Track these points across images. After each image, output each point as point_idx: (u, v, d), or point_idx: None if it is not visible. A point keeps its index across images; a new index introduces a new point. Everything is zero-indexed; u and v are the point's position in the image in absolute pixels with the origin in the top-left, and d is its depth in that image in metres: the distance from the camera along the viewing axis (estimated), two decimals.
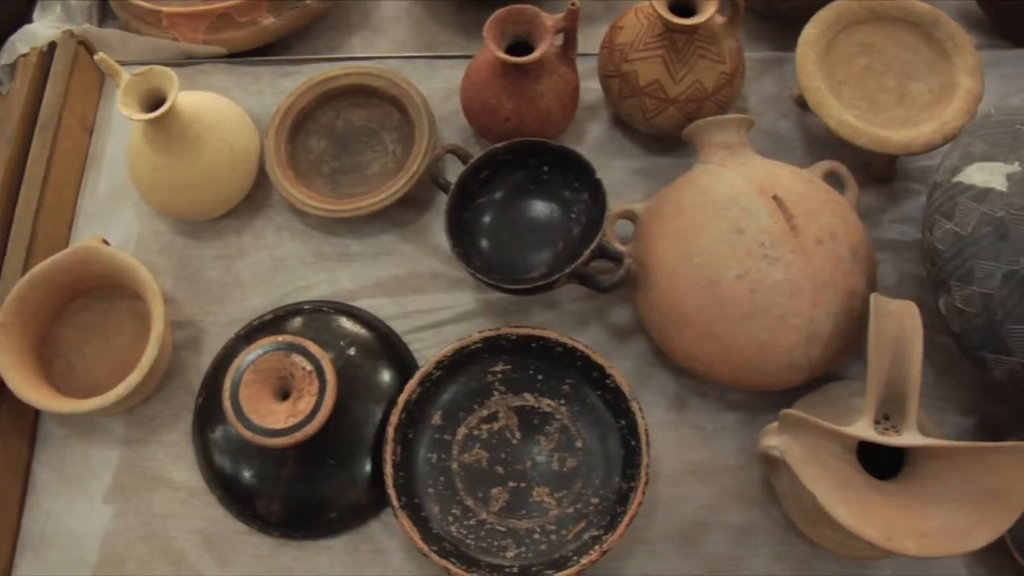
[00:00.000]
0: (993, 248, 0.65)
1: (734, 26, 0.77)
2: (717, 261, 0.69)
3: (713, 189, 0.71)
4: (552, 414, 0.73)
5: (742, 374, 0.70)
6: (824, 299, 0.69)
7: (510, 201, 0.76)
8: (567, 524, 0.70)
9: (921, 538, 0.64)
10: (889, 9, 0.80)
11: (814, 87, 0.77)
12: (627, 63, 0.76)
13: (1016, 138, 0.67)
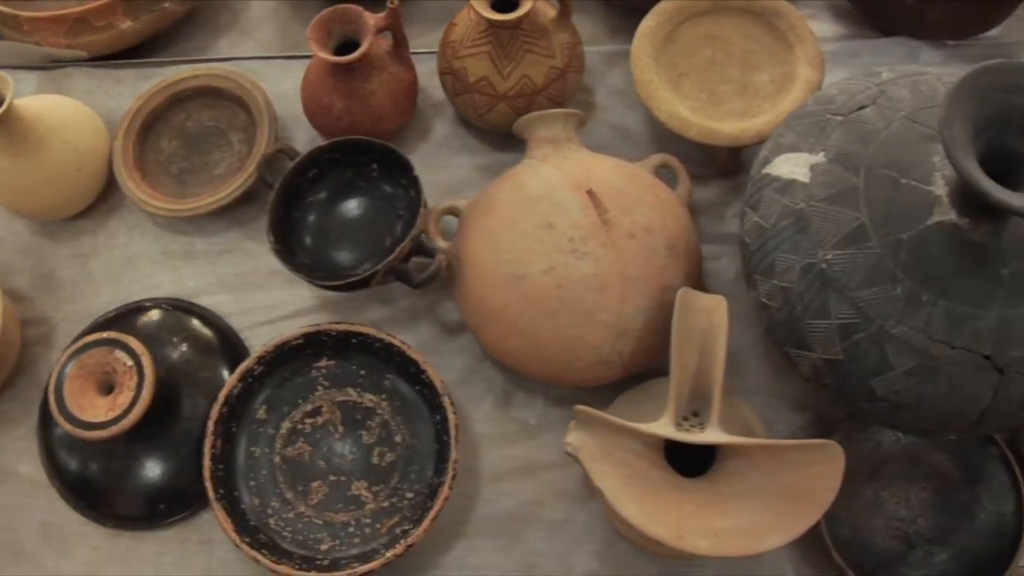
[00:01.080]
0: (792, 241, 0.63)
1: (564, 21, 0.76)
2: (525, 256, 0.68)
3: (528, 184, 0.71)
4: (374, 409, 0.73)
5: (552, 370, 0.69)
6: (634, 294, 0.68)
7: (339, 199, 0.76)
8: (381, 518, 0.70)
9: (714, 537, 0.62)
10: (730, 1, 0.79)
11: (646, 80, 0.75)
12: (457, 60, 0.76)
13: (824, 129, 0.65)
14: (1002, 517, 0.70)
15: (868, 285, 0.60)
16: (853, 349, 0.61)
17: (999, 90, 0.56)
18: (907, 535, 0.71)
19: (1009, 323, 0.59)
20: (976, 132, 0.56)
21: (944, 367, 0.60)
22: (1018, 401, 0.61)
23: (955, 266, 0.59)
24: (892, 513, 0.71)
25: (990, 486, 0.71)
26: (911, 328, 0.59)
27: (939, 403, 0.61)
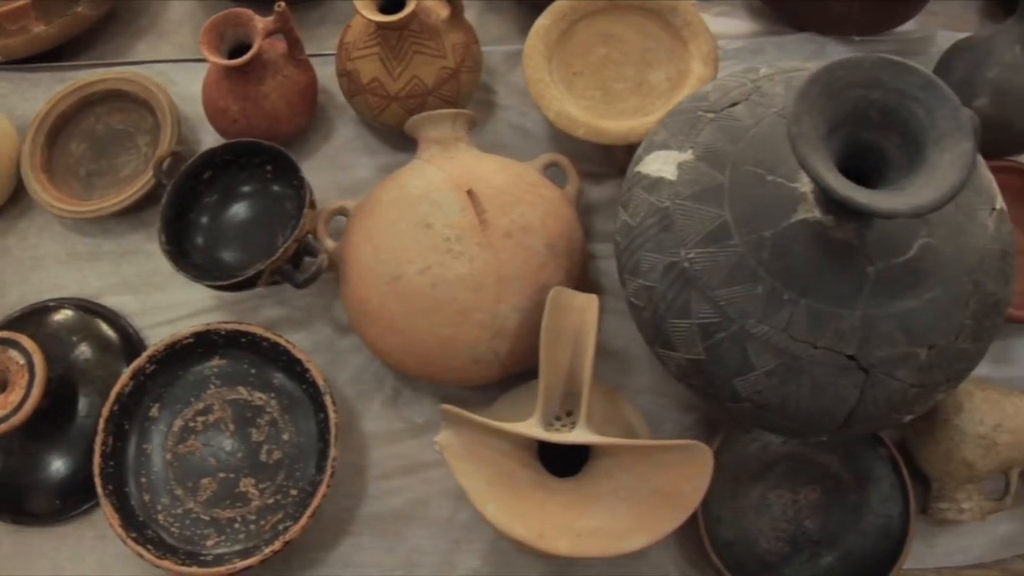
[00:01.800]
0: (657, 239, 0.62)
1: (456, 21, 0.75)
2: (401, 256, 0.68)
3: (410, 184, 0.71)
4: (263, 407, 0.73)
5: (430, 369, 0.69)
6: (509, 293, 0.67)
7: (233, 201, 0.77)
8: (266, 515, 0.70)
9: (576, 537, 0.62)
10: None
11: (537, 79, 0.75)
12: (351, 62, 0.76)
13: (695, 126, 0.64)
14: (889, 519, 0.69)
15: (729, 284, 0.59)
16: (715, 349, 0.60)
17: (855, 85, 0.55)
18: (794, 537, 0.70)
19: (873, 322, 0.58)
20: (833, 128, 0.55)
21: (807, 367, 0.59)
22: (885, 402, 0.60)
23: (818, 264, 0.58)
24: (779, 515, 0.70)
25: (879, 488, 0.70)
26: (772, 327, 0.58)
27: (804, 404, 0.60)
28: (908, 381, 0.59)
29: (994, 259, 0.61)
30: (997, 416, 0.67)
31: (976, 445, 0.67)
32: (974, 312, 0.60)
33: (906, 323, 0.58)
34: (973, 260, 0.60)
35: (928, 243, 0.59)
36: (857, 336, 0.58)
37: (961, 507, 0.68)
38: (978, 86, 0.75)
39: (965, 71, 0.76)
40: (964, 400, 0.67)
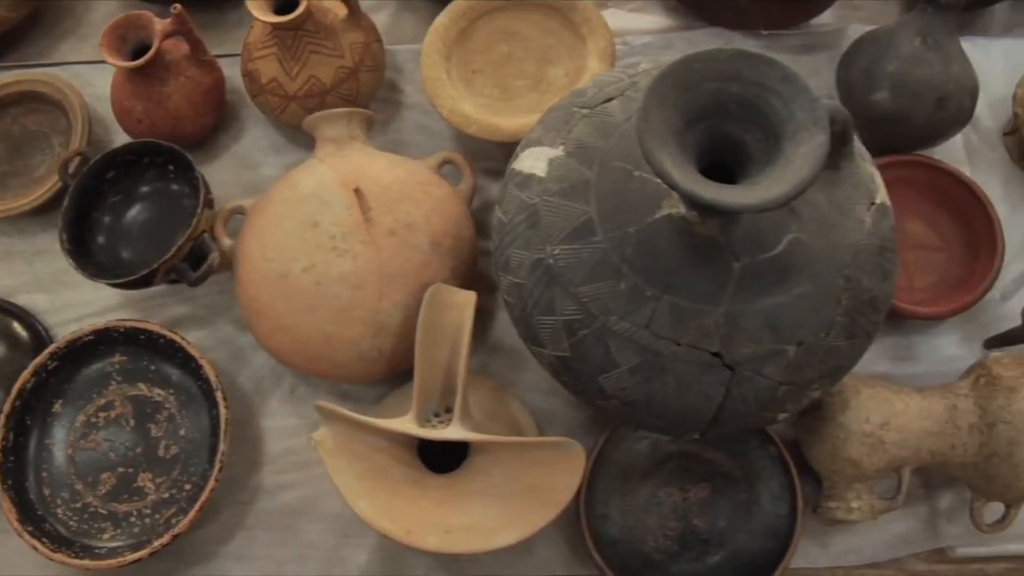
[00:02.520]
0: (525, 236, 0.62)
1: (353, 21, 0.75)
2: (288, 254, 0.68)
3: (301, 183, 0.71)
4: (162, 403, 0.74)
5: (317, 365, 0.69)
6: (391, 291, 0.67)
7: (136, 200, 0.78)
8: (161, 509, 0.71)
9: (444, 533, 0.62)
10: None
11: (432, 77, 0.75)
12: (251, 62, 0.76)
13: (568, 122, 0.64)
14: (778, 518, 0.68)
15: (592, 280, 0.59)
16: (579, 346, 0.59)
17: (714, 78, 0.54)
18: (682, 535, 0.69)
19: (738, 319, 0.57)
20: (691, 122, 0.54)
21: (670, 364, 0.58)
22: (754, 400, 0.59)
23: (682, 260, 0.58)
24: (669, 513, 0.70)
25: (769, 486, 0.69)
26: (634, 324, 0.58)
27: (669, 401, 0.59)
28: (776, 379, 0.58)
29: (870, 254, 0.60)
30: (884, 414, 0.66)
31: (862, 443, 0.65)
32: (847, 308, 0.59)
33: (772, 320, 0.57)
34: (846, 256, 0.59)
35: (798, 238, 0.58)
36: (721, 333, 0.57)
37: (850, 506, 0.67)
38: (877, 79, 0.73)
39: (866, 64, 0.74)
40: (850, 398, 0.66)
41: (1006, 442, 0.64)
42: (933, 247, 0.78)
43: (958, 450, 0.66)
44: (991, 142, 0.82)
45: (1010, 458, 0.64)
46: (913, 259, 0.77)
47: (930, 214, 0.78)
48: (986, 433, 0.65)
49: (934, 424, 0.66)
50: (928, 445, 0.66)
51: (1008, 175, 0.81)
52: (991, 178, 0.80)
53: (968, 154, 0.81)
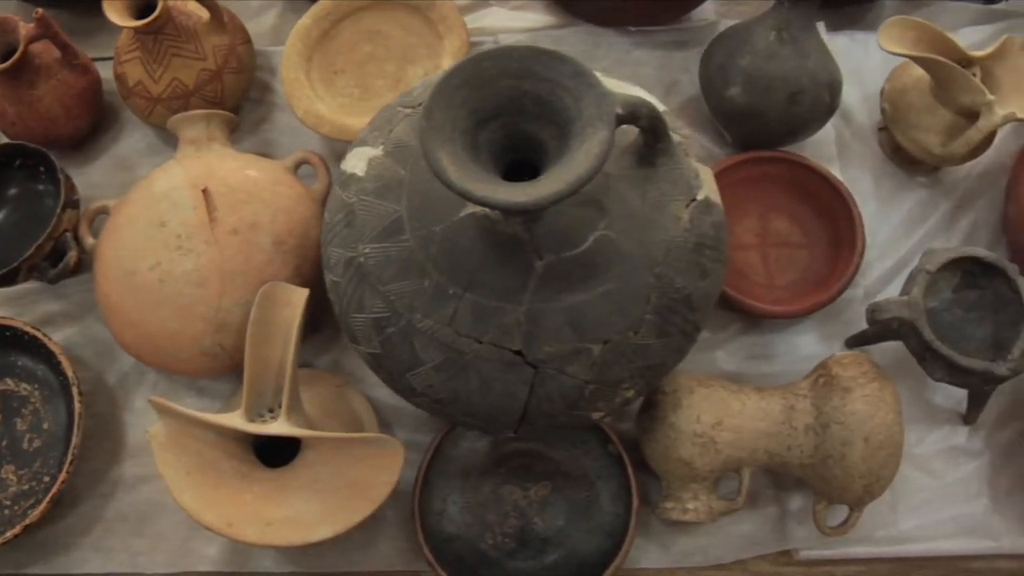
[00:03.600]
0: (342, 235, 0.62)
1: (216, 24, 0.77)
2: (136, 253, 0.70)
3: (156, 183, 0.72)
4: (28, 397, 0.76)
5: (164, 361, 0.71)
6: (232, 289, 0.68)
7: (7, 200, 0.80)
8: (20, 500, 0.73)
9: (265, 526, 0.63)
10: None
11: (291, 78, 0.76)
12: (120, 65, 0.78)
13: (391, 121, 0.64)
14: (616, 518, 0.67)
15: (399, 279, 0.59)
16: (387, 343, 0.60)
17: (507, 76, 0.54)
18: (521, 533, 0.69)
19: (539, 317, 0.57)
20: (484, 120, 0.54)
21: (473, 362, 0.58)
22: (560, 398, 0.59)
23: (485, 259, 0.58)
24: (509, 510, 0.69)
25: (608, 486, 0.69)
26: (437, 322, 0.58)
27: (475, 399, 0.59)
28: (582, 377, 0.58)
29: (684, 252, 0.59)
30: (717, 414, 0.65)
31: (692, 443, 0.65)
32: (656, 307, 0.58)
33: (576, 318, 0.57)
34: (657, 253, 0.58)
35: (605, 236, 0.58)
36: (522, 331, 0.57)
37: (686, 507, 0.66)
38: (731, 75, 0.72)
39: (722, 60, 0.73)
40: (683, 397, 0.66)
41: (839, 443, 0.63)
42: (797, 244, 0.76)
43: (795, 451, 0.65)
44: (864, 137, 0.80)
45: (843, 460, 0.63)
46: (775, 256, 0.76)
47: (795, 211, 0.77)
48: (821, 434, 0.64)
49: (770, 425, 0.65)
50: (764, 446, 0.65)
51: (880, 170, 0.79)
52: (862, 173, 0.79)
53: (840, 149, 0.79)
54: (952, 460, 0.72)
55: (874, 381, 0.64)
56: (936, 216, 0.78)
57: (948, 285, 0.69)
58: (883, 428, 0.63)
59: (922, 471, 0.71)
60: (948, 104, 0.73)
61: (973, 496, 0.71)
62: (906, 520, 0.70)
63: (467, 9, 0.87)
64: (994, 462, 0.72)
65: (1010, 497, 0.71)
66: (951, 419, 0.73)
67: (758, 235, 0.77)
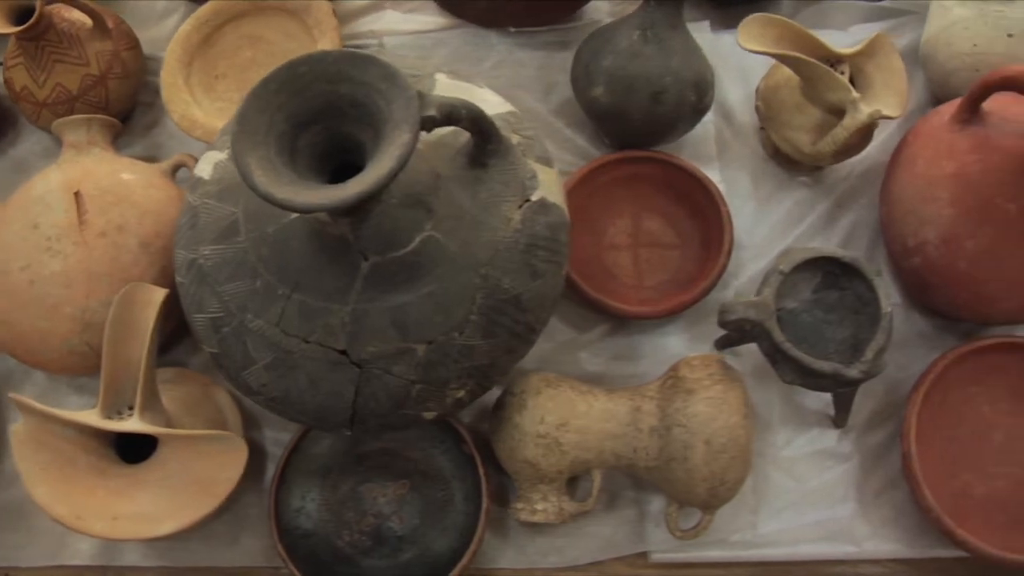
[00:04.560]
0: (186, 237, 0.65)
1: (99, 31, 0.79)
2: (11, 254, 0.73)
3: (35, 186, 0.75)
4: None
5: (37, 359, 0.74)
6: (98, 289, 0.71)
7: None
8: None
9: (112, 520, 0.66)
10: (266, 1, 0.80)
11: (169, 83, 0.78)
12: (8, 70, 0.82)
13: None
14: (468, 517, 0.69)
15: (232, 279, 0.61)
16: (223, 343, 0.62)
17: (323, 80, 0.56)
18: (378, 531, 0.70)
19: (364, 317, 0.59)
20: (303, 124, 0.56)
21: (300, 361, 0.60)
22: (388, 398, 0.60)
23: (313, 260, 0.60)
24: (368, 508, 0.71)
25: (464, 486, 0.70)
26: (267, 322, 0.60)
27: (305, 397, 0.61)
28: (408, 377, 0.60)
29: (514, 253, 0.61)
30: (563, 415, 0.66)
31: (536, 444, 0.65)
32: (482, 307, 0.59)
33: (399, 318, 0.59)
34: (484, 254, 0.60)
35: (431, 237, 0.59)
36: (347, 331, 0.59)
37: (535, 507, 0.67)
38: (595, 75, 0.73)
39: (588, 60, 0.74)
40: (529, 398, 0.66)
41: (682, 446, 0.63)
42: (669, 245, 0.77)
43: (640, 453, 0.66)
44: (745, 136, 0.80)
45: (685, 463, 0.64)
46: (646, 257, 0.76)
47: (669, 211, 0.77)
48: (664, 437, 0.64)
49: (616, 426, 0.66)
50: (611, 448, 0.66)
51: (760, 170, 0.79)
52: (741, 173, 0.79)
53: (720, 148, 0.79)
54: (820, 463, 0.72)
55: (719, 383, 0.65)
56: (814, 216, 0.77)
57: (808, 286, 0.69)
58: (725, 431, 0.63)
59: (787, 474, 0.71)
60: (816, 102, 0.73)
61: (840, 500, 0.71)
62: (768, 524, 0.70)
63: (363, 11, 0.88)
64: (863, 465, 0.72)
65: (878, 500, 0.71)
66: (821, 422, 0.73)
67: (630, 235, 0.77)
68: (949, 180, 0.68)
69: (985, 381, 0.73)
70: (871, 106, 0.71)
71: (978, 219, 0.67)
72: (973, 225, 0.67)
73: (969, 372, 0.72)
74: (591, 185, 0.76)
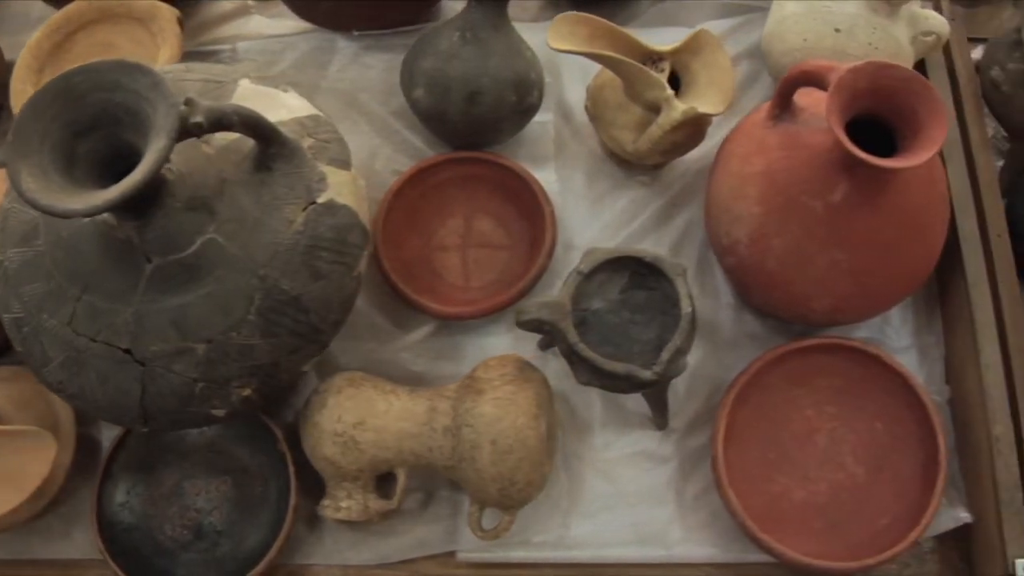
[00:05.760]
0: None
1: None
2: None
3: None
4: None
5: None
6: None
7: None
8: None
9: None
10: (116, 8, 0.84)
11: (18, 90, 0.83)
12: None
13: None
14: (282, 513, 0.71)
15: (32, 281, 0.65)
16: (25, 342, 0.66)
17: (99, 89, 0.59)
18: (199, 525, 0.74)
19: (146, 317, 0.62)
20: (81, 132, 0.59)
21: (89, 360, 0.64)
22: (172, 395, 0.64)
23: (101, 262, 0.63)
24: (191, 503, 0.75)
25: (279, 483, 0.73)
26: (59, 322, 0.64)
27: (97, 395, 0.65)
28: (189, 375, 0.63)
29: (294, 254, 0.63)
30: (360, 414, 0.68)
31: (334, 443, 0.68)
32: (260, 308, 0.62)
33: (179, 318, 0.62)
34: (264, 256, 0.63)
35: (212, 239, 0.63)
36: (131, 330, 0.63)
37: (339, 504, 0.70)
38: (416, 77, 0.75)
39: (411, 62, 0.76)
40: (329, 397, 0.69)
41: (470, 446, 0.65)
42: (498, 245, 0.78)
43: (436, 453, 0.68)
44: (583, 135, 0.81)
45: (474, 463, 0.66)
46: (475, 257, 0.78)
47: (500, 212, 0.79)
48: (456, 436, 0.66)
49: (413, 426, 0.68)
50: (409, 447, 0.68)
51: (597, 169, 0.80)
52: (576, 172, 0.80)
53: (558, 148, 0.81)
54: (639, 466, 0.73)
55: (510, 384, 0.66)
56: (647, 215, 0.78)
57: (616, 286, 0.70)
58: (512, 432, 0.65)
59: (604, 477, 0.73)
60: (637, 100, 0.74)
61: (658, 503, 0.72)
62: (581, 526, 0.71)
63: (231, 16, 0.93)
64: (682, 468, 0.73)
65: (696, 504, 0.72)
66: (644, 424, 0.74)
67: (461, 236, 0.79)
68: (758, 177, 0.68)
69: (810, 383, 0.73)
70: (692, 103, 0.72)
71: (785, 217, 0.67)
72: (780, 223, 0.67)
73: (793, 374, 0.73)
74: (422, 186, 0.78)
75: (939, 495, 0.68)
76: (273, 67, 0.86)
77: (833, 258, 0.67)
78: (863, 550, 0.68)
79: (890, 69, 0.63)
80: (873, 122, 0.66)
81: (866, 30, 0.74)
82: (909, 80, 0.63)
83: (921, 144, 0.62)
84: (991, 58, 0.78)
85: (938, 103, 0.62)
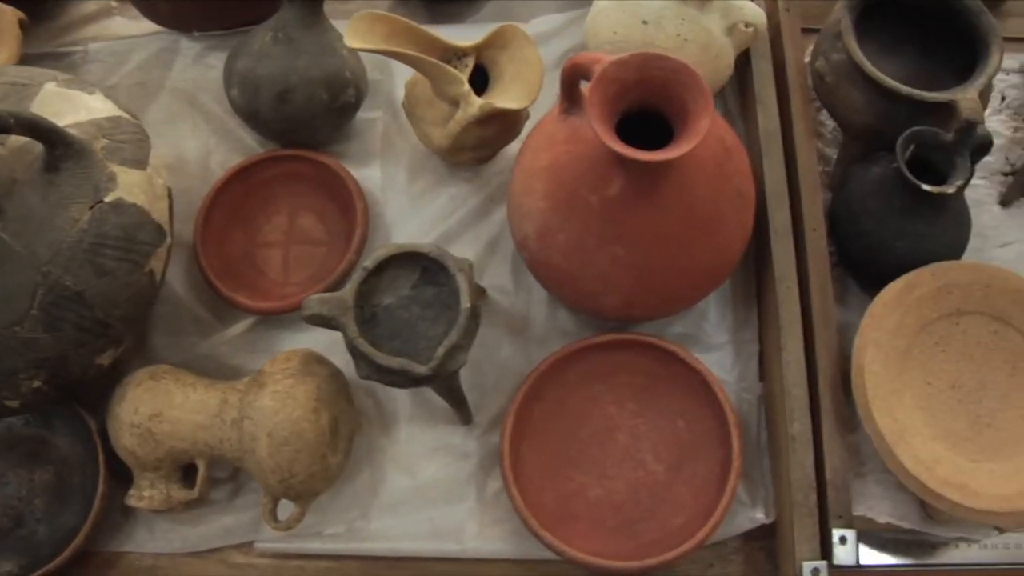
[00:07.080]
0: None
1: None
2: None
3: None
4: None
5: None
6: None
7: None
8: None
9: None
10: None
11: None
12: None
13: None
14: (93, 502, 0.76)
15: None
16: None
17: None
18: (20, 515, 0.78)
19: None
20: None
21: None
22: None
23: None
24: (14, 492, 0.79)
25: (94, 473, 0.77)
26: None
27: None
28: None
29: (78, 251, 0.68)
30: (157, 406, 0.72)
31: (131, 434, 0.72)
32: (42, 303, 0.67)
33: None
34: (47, 253, 0.67)
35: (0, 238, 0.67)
36: None
37: (143, 494, 0.73)
38: (232, 76, 0.79)
39: (229, 62, 0.80)
40: (129, 390, 0.73)
41: (250, 438, 0.69)
42: (318, 241, 0.81)
43: (225, 444, 0.71)
44: (408, 132, 0.83)
45: (254, 454, 0.69)
46: (296, 254, 0.82)
47: (322, 208, 0.82)
48: (240, 428, 0.70)
49: (206, 418, 0.72)
50: (202, 438, 0.72)
51: (420, 165, 0.83)
52: (399, 169, 0.83)
53: (385, 144, 0.83)
54: (441, 461, 0.75)
55: (291, 378, 0.69)
56: (465, 211, 0.80)
57: (408, 282, 0.72)
58: (288, 424, 0.68)
59: (405, 471, 0.75)
60: (442, 96, 0.76)
61: (457, 498, 0.74)
62: (381, 519, 0.74)
63: (95, 16, 0.97)
64: (483, 464, 0.75)
65: (496, 500, 0.74)
66: (451, 419, 0.76)
67: (285, 233, 0.82)
68: (544, 172, 0.70)
69: (611, 380, 0.75)
70: (496, 98, 0.73)
71: (568, 212, 0.69)
72: (563, 218, 0.69)
73: (593, 370, 0.74)
74: (246, 183, 0.82)
75: (730, 494, 0.69)
76: (121, 68, 0.90)
77: (613, 253, 0.68)
78: (654, 549, 0.69)
79: (659, 60, 0.63)
80: (661, 116, 0.67)
81: (674, 22, 0.75)
82: (679, 71, 0.63)
83: (686, 136, 0.63)
84: (817, 49, 0.78)
85: (704, 94, 0.62)
